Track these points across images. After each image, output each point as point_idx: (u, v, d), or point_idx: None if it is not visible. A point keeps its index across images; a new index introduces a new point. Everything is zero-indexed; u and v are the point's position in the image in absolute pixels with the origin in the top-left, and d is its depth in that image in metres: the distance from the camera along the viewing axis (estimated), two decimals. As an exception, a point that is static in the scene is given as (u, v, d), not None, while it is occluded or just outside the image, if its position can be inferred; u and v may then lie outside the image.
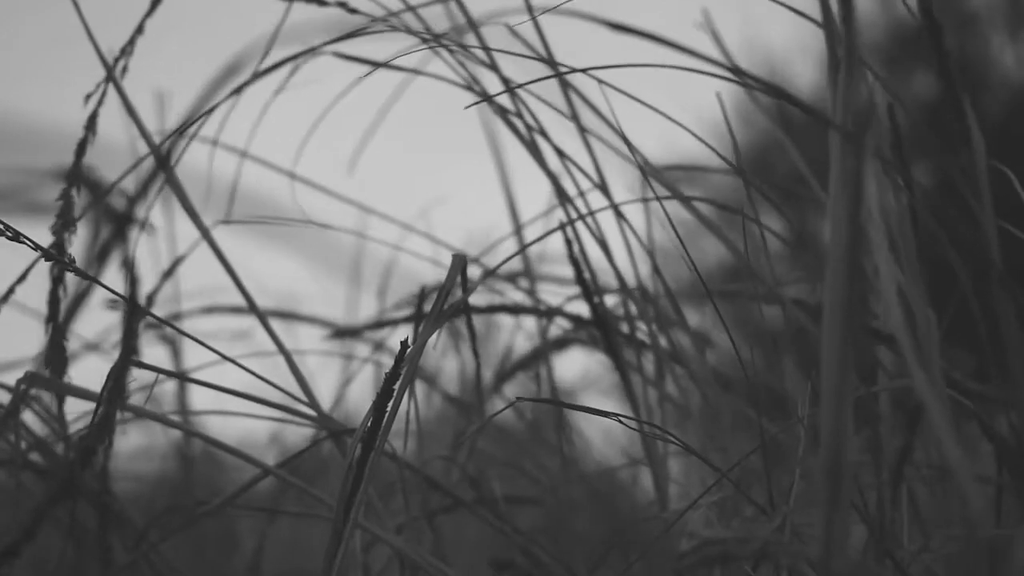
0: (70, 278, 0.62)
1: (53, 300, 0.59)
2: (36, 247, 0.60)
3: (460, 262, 0.70)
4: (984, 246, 0.59)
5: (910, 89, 6.15)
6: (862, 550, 0.71)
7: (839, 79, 0.52)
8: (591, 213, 0.84)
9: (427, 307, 0.85)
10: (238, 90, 0.68)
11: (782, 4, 0.68)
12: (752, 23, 6.71)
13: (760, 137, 6.36)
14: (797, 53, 6.81)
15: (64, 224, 0.58)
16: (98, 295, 0.61)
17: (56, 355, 0.56)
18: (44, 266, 0.63)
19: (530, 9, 0.78)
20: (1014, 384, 0.59)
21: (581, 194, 0.85)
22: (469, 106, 0.76)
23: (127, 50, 0.71)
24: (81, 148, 0.64)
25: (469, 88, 0.82)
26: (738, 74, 0.59)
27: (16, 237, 0.60)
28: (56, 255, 0.59)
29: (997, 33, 6.65)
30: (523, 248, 0.94)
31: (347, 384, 1.08)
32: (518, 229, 1.00)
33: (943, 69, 0.63)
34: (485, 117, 1.02)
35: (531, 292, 0.98)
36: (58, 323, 0.56)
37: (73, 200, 0.59)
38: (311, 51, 0.73)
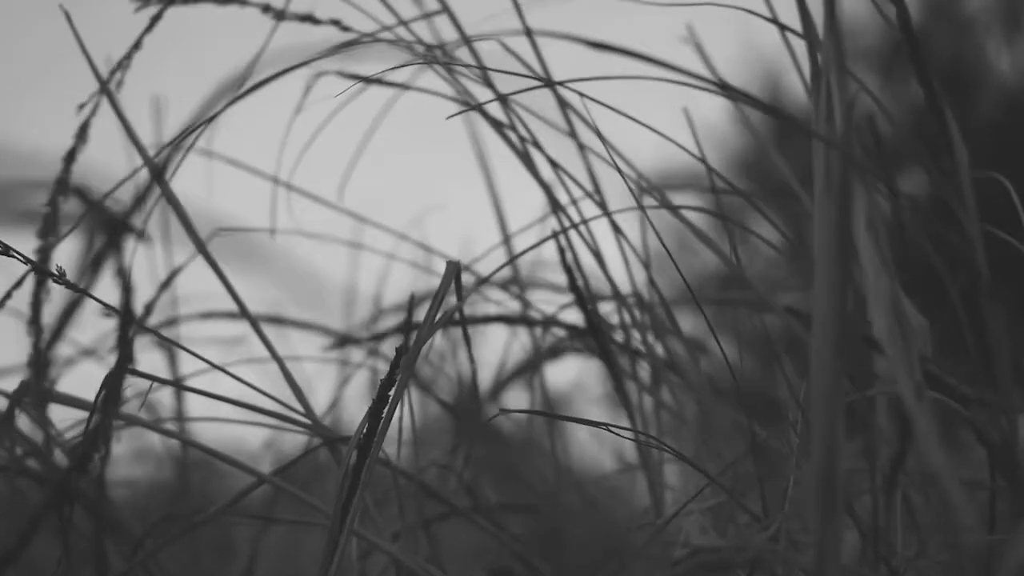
0: (64, 283, 0.62)
1: (35, 303, 0.59)
2: (26, 260, 0.60)
3: (454, 269, 0.70)
4: (970, 253, 0.60)
5: (907, 95, 6.15)
6: (857, 557, 0.71)
7: (819, 88, 0.52)
8: (584, 221, 0.84)
9: (420, 315, 0.86)
10: (232, 103, 0.69)
11: (757, 15, 0.68)
12: (748, 29, 6.71)
13: (755, 142, 6.35)
14: (791, 61, 6.80)
15: (48, 230, 0.58)
16: (95, 302, 0.61)
17: (37, 359, 0.56)
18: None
19: (527, 30, 0.79)
20: (1002, 389, 0.59)
21: (574, 202, 0.85)
22: (452, 116, 0.76)
23: (123, 64, 0.71)
24: (70, 156, 0.65)
25: (463, 101, 0.82)
26: (724, 87, 0.59)
27: (6, 251, 0.60)
28: (42, 261, 0.59)
29: (993, 38, 6.66)
30: (516, 256, 0.95)
31: (342, 391, 1.08)
32: (512, 237, 1.00)
33: (923, 79, 0.64)
34: (477, 130, 1.02)
35: (525, 300, 0.98)
36: (39, 326, 0.56)
37: (59, 207, 0.59)
38: (304, 64, 0.73)
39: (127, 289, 0.46)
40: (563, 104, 0.84)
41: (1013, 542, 0.51)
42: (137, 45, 0.71)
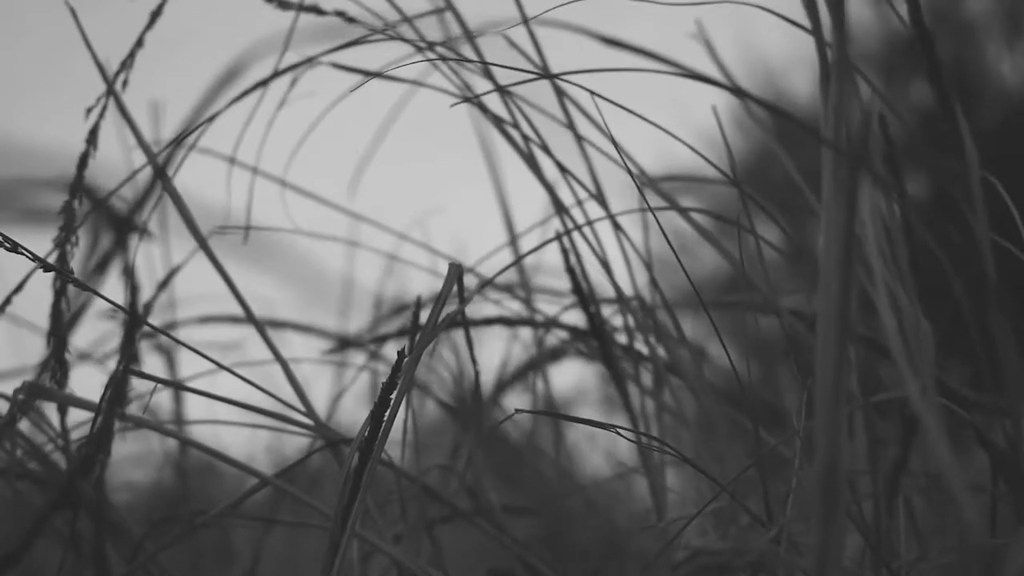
0: (70, 289, 0.62)
1: (56, 313, 0.59)
2: (35, 258, 0.60)
3: (456, 271, 0.70)
4: (978, 256, 0.60)
5: (907, 98, 6.16)
6: (859, 560, 0.71)
7: (830, 89, 0.52)
8: (588, 223, 0.84)
9: (423, 317, 0.85)
10: (235, 100, 0.69)
11: (771, 12, 0.68)
12: (749, 33, 6.72)
13: (758, 144, 6.36)
14: (794, 63, 6.81)
15: (67, 236, 0.58)
16: (94, 304, 0.61)
17: (58, 368, 0.56)
18: (40, 276, 0.63)
19: (526, 21, 0.78)
20: (1009, 394, 0.59)
21: (579, 203, 0.85)
22: (454, 104, 0.76)
23: (127, 63, 0.71)
24: (83, 161, 0.65)
25: (465, 98, 0.82)
26: (732, 86, 0.59)
27: (15, 248, 0.60)
28: (58, 267, 0.59)
29: (994, 42, 6.67)
30: (520, 258, 0.94)
31: (342, 394, 1.08)
32: (515, 239, 1.00)
33: (935, 79, 0.64)
34: (481, 128, 1.02)
35: (528, 302, 0.98)
36: (60, 336, 0.56)
37: (75, 212, 0.59)
38: (308, 61, 0.73)
39: (134, 289, 0.46)
40: (567, 101, 0.84)
41: (1016, 545, 0.51)
42: (140, 43, 0.70)
